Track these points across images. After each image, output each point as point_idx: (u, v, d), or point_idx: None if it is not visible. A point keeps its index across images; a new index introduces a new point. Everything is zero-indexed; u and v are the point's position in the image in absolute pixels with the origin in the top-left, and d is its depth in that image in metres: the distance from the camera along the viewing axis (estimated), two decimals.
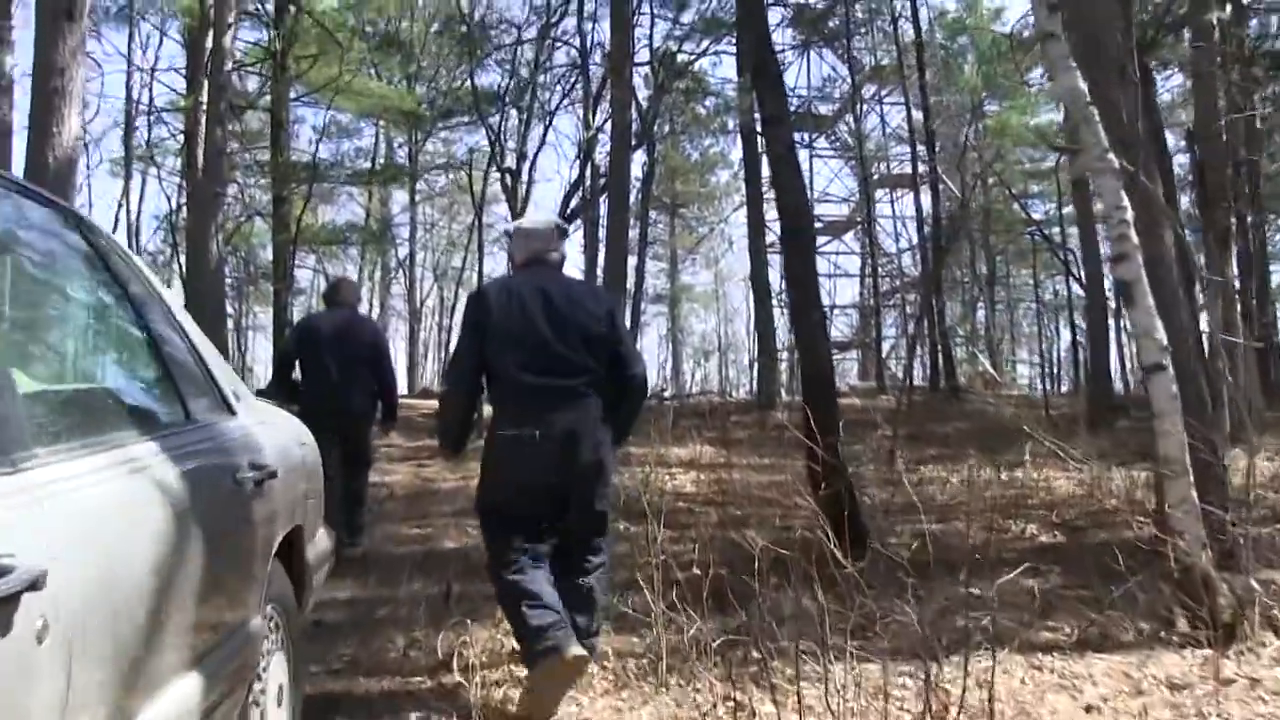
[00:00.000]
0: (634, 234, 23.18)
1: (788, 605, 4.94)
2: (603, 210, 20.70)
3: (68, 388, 2.07)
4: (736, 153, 31.31)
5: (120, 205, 31.76)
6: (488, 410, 4.11)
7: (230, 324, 34.80)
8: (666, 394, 29.35)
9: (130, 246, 32.69)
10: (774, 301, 20.76)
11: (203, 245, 17.85)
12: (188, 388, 2.39)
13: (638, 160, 22.50)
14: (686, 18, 23.09)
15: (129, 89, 30.68)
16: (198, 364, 2.56)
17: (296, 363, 6.79)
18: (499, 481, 3.91)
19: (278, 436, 2.80)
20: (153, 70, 29.58)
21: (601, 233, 20.09)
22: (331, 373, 6.50)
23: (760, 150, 21.53)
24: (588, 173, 23.23)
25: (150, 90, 30.02)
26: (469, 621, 4.62)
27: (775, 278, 21.02)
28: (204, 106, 18.63)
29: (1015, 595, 5.17)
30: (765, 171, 22.40)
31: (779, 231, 6.43)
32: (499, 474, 3.92)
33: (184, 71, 24.69)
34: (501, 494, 3.88)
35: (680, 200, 37.05)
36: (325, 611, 5.14)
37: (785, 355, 23.28)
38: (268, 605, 2.48)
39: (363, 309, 32.50)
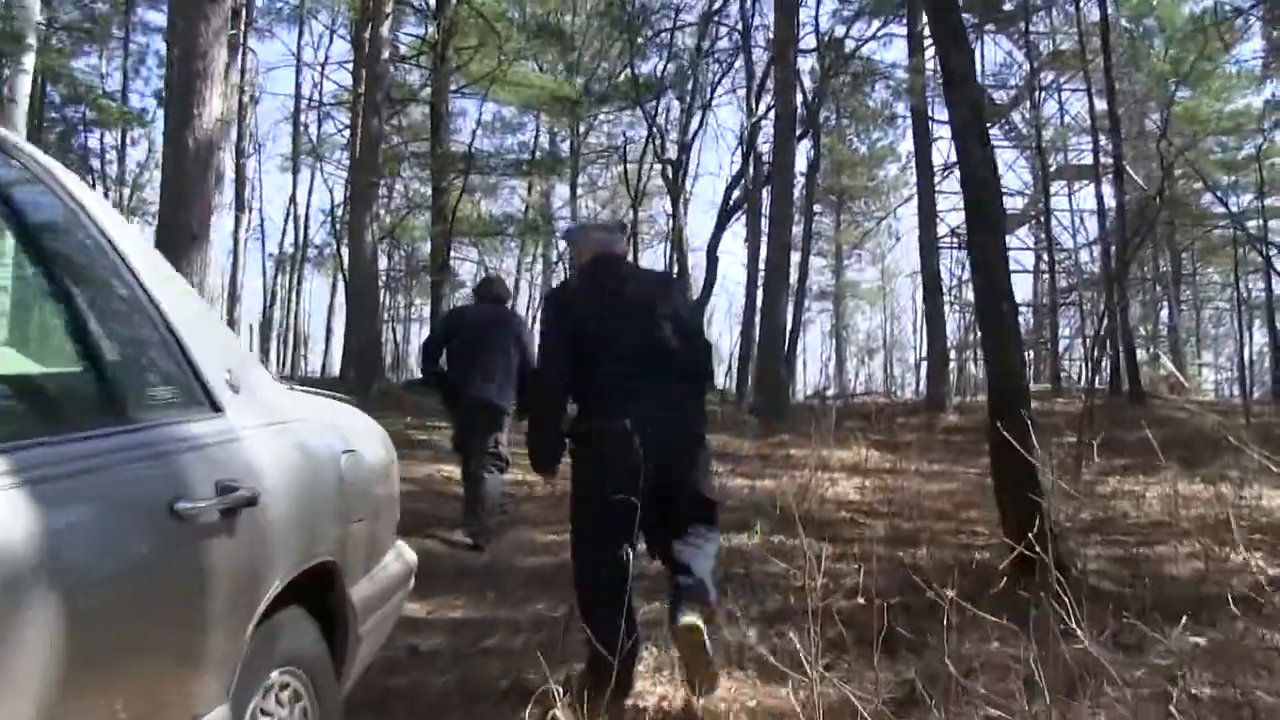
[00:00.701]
0: (798, 229, 22.19)
1: (973, 650, 4.08)
2: (765, 202, 19.86)
3: None
4: (906, 144, 30.05)
5: (289, 201, 32.65)
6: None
7: (386, 315, 35.46)
8: (829, 393, 28.38)
9: (298, 241, 33.86)
10: (946, 297, 19.55)
11: (359, 236, 17.82)
12: (130, 375, 1.76)
13: (802, 151, 21.51)
14: None
15: (298, 86, 31.43)
16: (164, 341, 1.88)
17: (443, 353, 7.18)
18: (589, 480, 3.76)
19: (291, 442, 2.10)
20: (323, 65, 30.20)
21: (764, 225, 19.25)
22: (473, 364, 6.80)
23: (932, 138, 20.43)
24: (750, 163, 22.39)
25: (320, 89, 30.74)
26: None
27: (946, 273, 19.85)
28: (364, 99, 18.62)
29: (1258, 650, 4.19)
30: (937, 160, 21.45)
31: (964, 208, 5.48)
32: (589, 472, 3.77)
33: (350, 67, 25.05)
34: (592, 492, 3.71)
35: (847, 194, 35.84)
36: (426, 635, 4.53)
37: (956, 354, 22.04)
38: (277, 671, 1.81)
39: (522, 302, 33.61)
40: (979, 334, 32.39)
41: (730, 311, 46.28)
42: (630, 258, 32.58)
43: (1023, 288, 36.15)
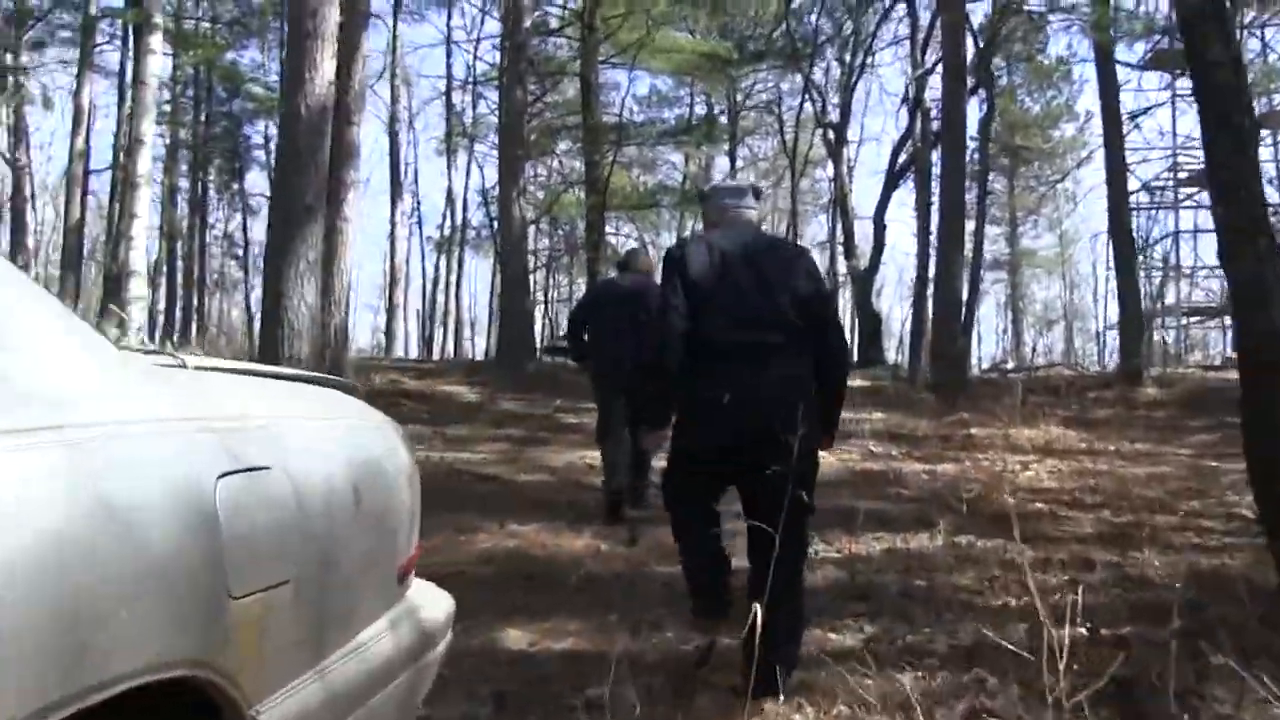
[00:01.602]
0: (971, 194, 20.55)
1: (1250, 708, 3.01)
2: (935, 164, 18.44)
3: None
4: (1084, 101, 27.93)
5: (446, 184, 32.50)
6: None
7: (546, 295, 35.12)
8: (1008, 366, 26.67)
9: (455, 224, 33.69)
10: (1139, 260, 17.80)
11: (507, 211, 17.26)
12: None
13: (973, 109, 19.88)
14: None
15: (449, 67, 31.21)
16: None
17: (586, 324, 7.17)
18: (687, 445, 3.65)
19: (59, 467, 1.07)
20: (475, 45, 29.87)
21: (935, 188, 17.85)
22: (615, 335, 6.73)
23: (1119, 83, 18.59)
24: (917, 121, 20.91)
25: (473, 71, 30.43)
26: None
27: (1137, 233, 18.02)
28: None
29: None
30: (1128, 108, 19.58)
31: (1201, 124, 4.25)
32: (687, 437, 3.64)
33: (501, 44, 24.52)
34: (688, 457, 3.66)
35: (1020, 156, 33.70)
36: (520, 674, 3.62)
37: (1149, 322, 20.14)
38: None
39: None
40: (1225, 282, 30.38)
41: (900, 282, 44.80)
42: (789, 228, 31.79)
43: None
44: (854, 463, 9.19)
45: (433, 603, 2.16)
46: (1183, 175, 28.74)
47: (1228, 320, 31.44)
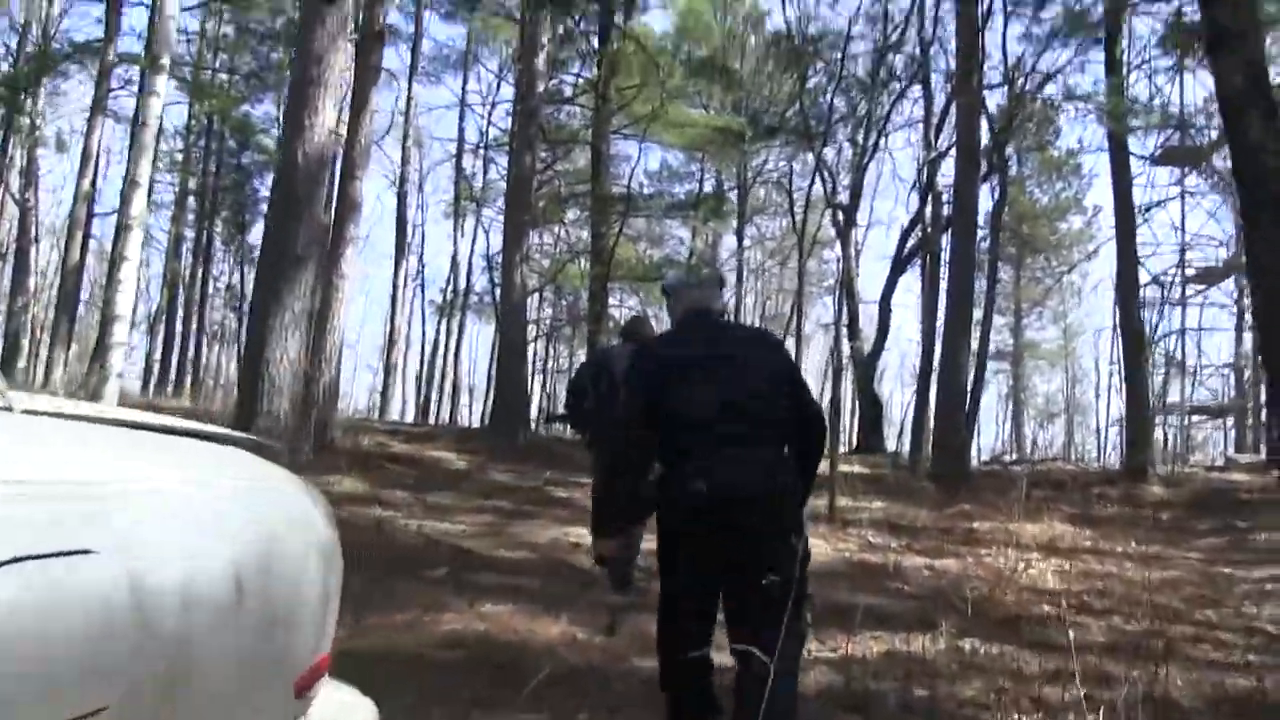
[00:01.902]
0: (979, 285, 20.28)
1: None
2: (945, 250, 18.23)
3: None
4: (1092, 196, 27.89)
5: (452, 247, 32.38)
6: None
7: (545, 365, 34.79)
8: (1008, 458, 26.30)
9: (457, 287, 33.44)
10: (1149, 353, 17.46)
11: (509, 276, 17.02)
12: None
13: (984, 199, 19.65)
14: (1048, 14, 19.73)
15: (461, 130, 31.21)
16: None
17: (587, 392, 6.80)
18: (670, 552, 3.49)
19: None
20: (489, 110, 29.94)
21: (944, 273, 17.62)
22: (616, 403, 6.03)
23: (1133, 173, 18.43)
24: (928, 205, 20.74)
25: (485, 136, 30.46)
26: None
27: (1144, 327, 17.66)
28: None
29: None
30: (1138, 201, 19.37)
31: (1240, 200, 3.94)
32: (670, 543, 3.49)
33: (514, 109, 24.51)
34: (672, 567, 3.50)
35: (1027, 247, 33.66)
36: None
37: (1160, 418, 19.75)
38: None
39: None
40: (1258, 361, 29.83)
41: (902, 367, 44.59)
42: (794, 308, 31.56)
43: (1219, 350, 33.27)
44: (851, 553, 8.79)
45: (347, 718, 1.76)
46: (1190, 271, 28.63)
47: (1230, 421, 31.19)
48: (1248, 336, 32.42)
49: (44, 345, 24.67)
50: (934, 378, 16.88)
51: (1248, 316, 32.09)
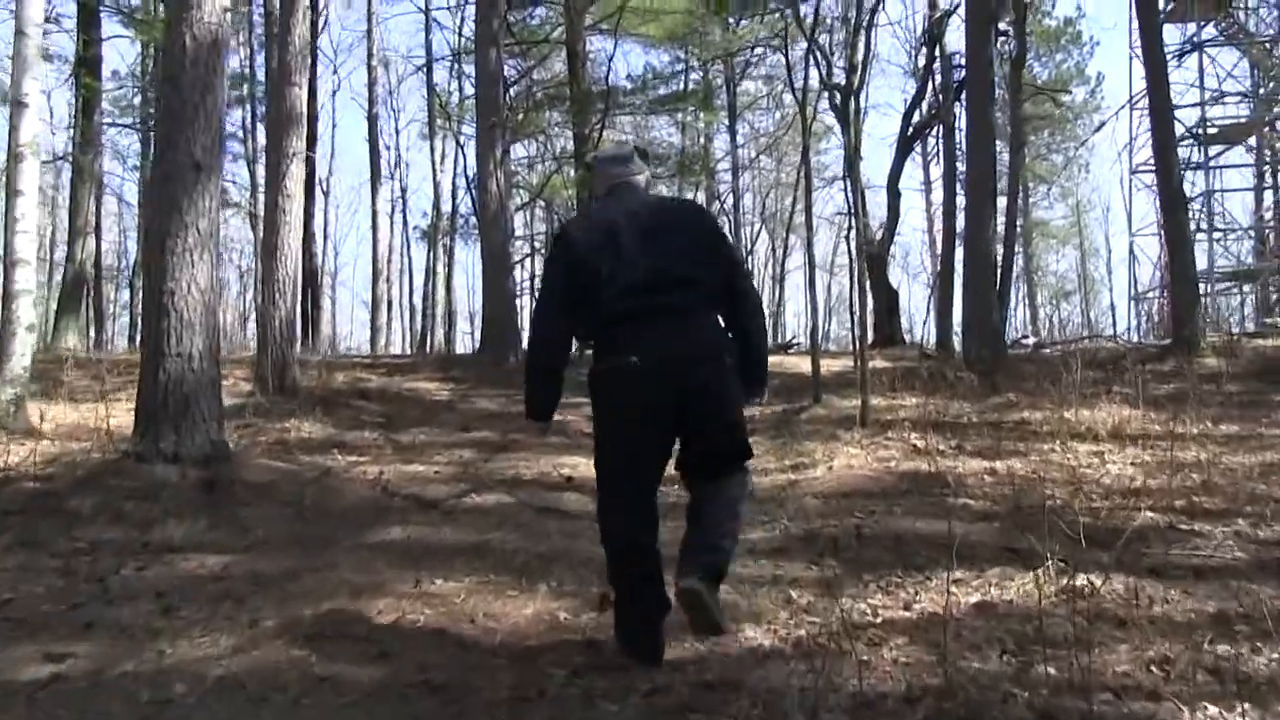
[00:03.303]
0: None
1: None
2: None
3: None
4: (1094, 64, 26.19)
5: (431, 167, 30.68)
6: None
7: (523, 276, 33.19)
8: (1028, 341, 24.92)
9: (440, 211, 31.70)
10: (1191, 213, 15.88)
11: (485, 187, 15.48)
12: None
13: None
14: None
15: (428, 43, 29.28)
16: None
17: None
18: (604, 420, 3.51)
19: None
20: (460, 19, 28.04)
21: (961, 144, 16.03)
22: None
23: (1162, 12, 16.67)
24: (935, 71, 19.00)
25: (458, 50, 28.54)
26: None
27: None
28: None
29: None
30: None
31: None
32: (603, 412, 3.51)
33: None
34: (608, 434, 3.50)
35: (1029, 125, 31.97)
36: None
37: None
38: None
39: None
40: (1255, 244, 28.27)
41: (907, 262, 43.24)
42: (793, 201, 29.91)
43: (1239, 210, 31.58)
44: (895, 462, 7.41)
45: None
46: (1212, 130, 26.94)
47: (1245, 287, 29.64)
48: (1269, 196, 30.80)
49: None
50: (959, 258, 15.39)
51: (1273, 175, 30.49)
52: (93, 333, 24.75)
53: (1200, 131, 26.01)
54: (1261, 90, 27.87)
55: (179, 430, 6.32)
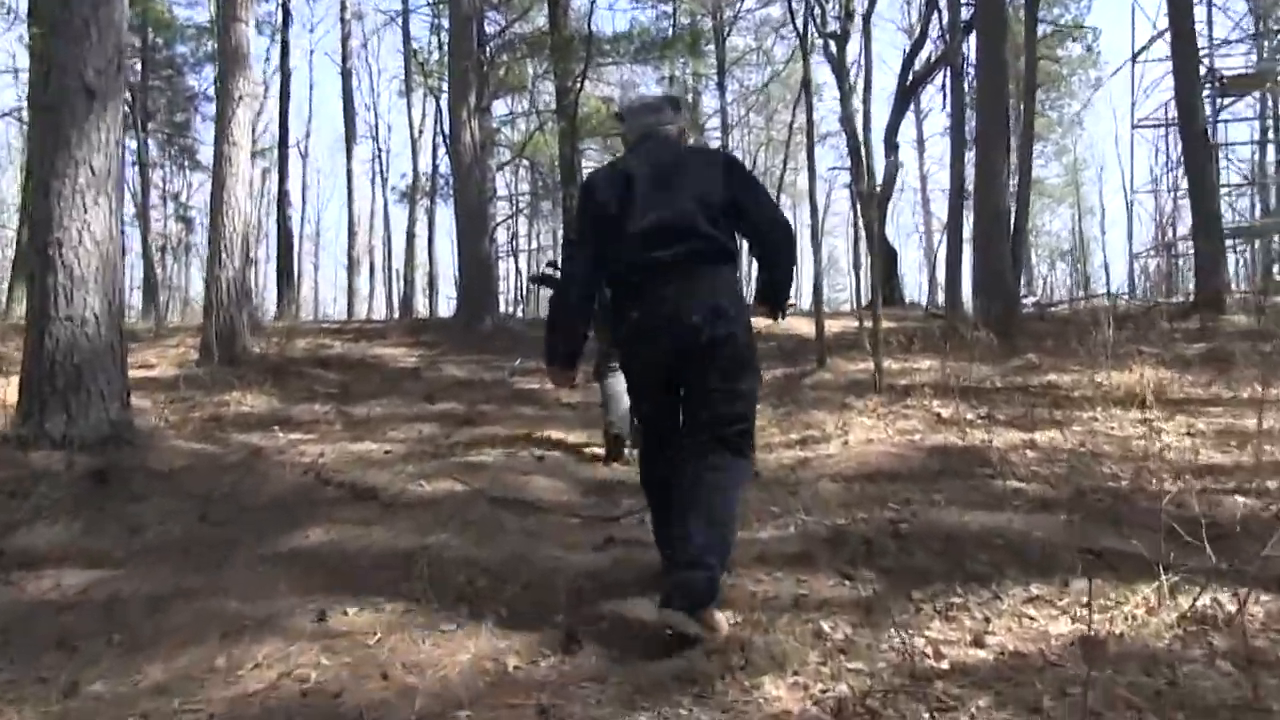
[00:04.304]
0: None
1: None
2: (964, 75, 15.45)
3: None
4: (1090, 18, 25.22)
5: (408, 125, 29.45)
6: None
7: (523, 245, 32.03)
8: (1028, 300, 23.95)
9: (418, 170, 30.47)
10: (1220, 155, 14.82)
11: (458, 138, 14.35)
12: None
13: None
14: None
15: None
16: None
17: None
18: (628, 366, 3.59)
19: None
20: None
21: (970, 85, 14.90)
22: None
23: None
24: (941, 11, 17.84)
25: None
26: None
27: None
28: None
29: None
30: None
31: None
32: (625, 358, 3.60)
33: None
34: (634, 379, 3.57)
35: (1044, 74, 31.00)
36: None
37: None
38: None
39: None
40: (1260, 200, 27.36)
41: (899, 214, 42.38)
42: (786, 155, 28.83)
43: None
44: (922, 434, 6.38)
45: None
46: (1222, 82, 25.82)
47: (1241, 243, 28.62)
48: (1272, 150, 29.73)
49: None
50: (968, 210, 14.32)
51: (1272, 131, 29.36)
52: None
53: (1214, 82, 24.87)
54: (1267, 44, 26.79)
55: (69, 408, 5.28)
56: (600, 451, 6.26)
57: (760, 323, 3.86)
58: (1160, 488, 4.87)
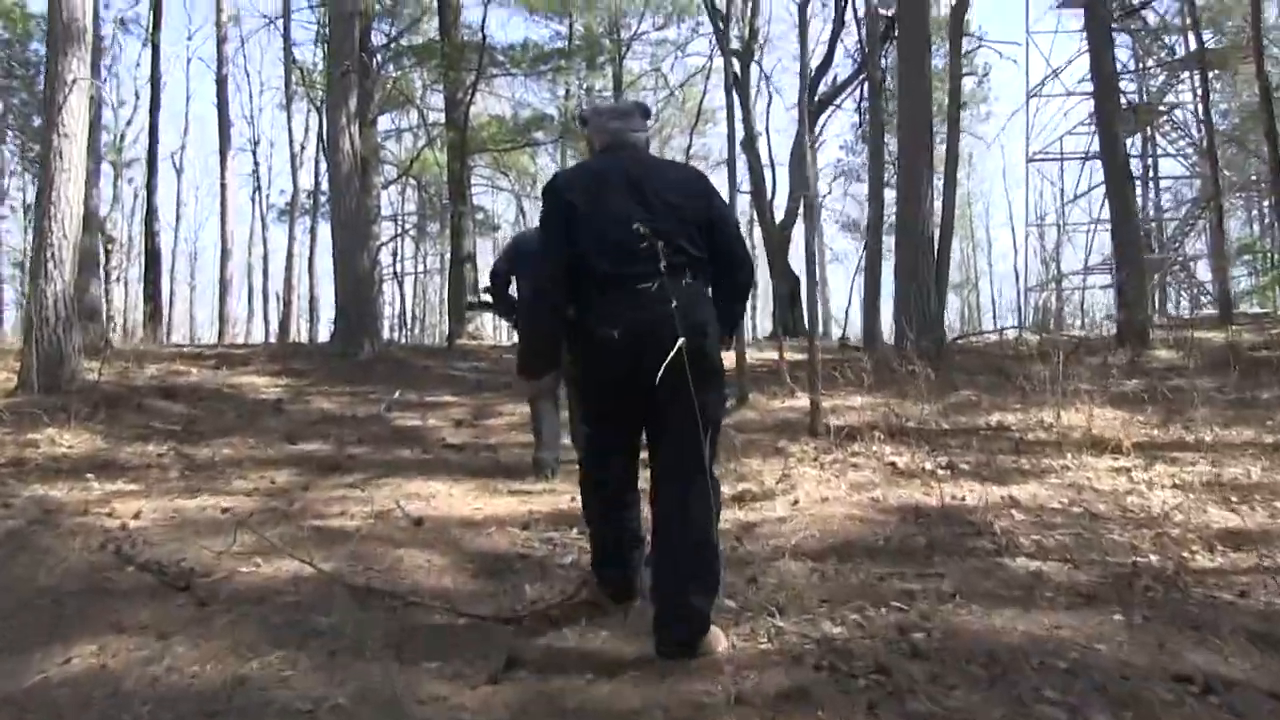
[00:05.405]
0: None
1: None
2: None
3: None
4: (980, 56, 24.93)
5: (289, 137, 27.86)
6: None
7: (410, 267, 30.50)
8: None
9: (297, 185, 28.82)
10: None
11: (335, 146, 13.06)
12: None
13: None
14: None
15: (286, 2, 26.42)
16: None
17: (512, 279, 6.33)
18: (588, 386, 3.46)
19: None
20: None
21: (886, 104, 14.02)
22: None
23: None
24: (860, 24, 17.06)
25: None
26: None
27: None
28: None
29: None
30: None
31: None
32: (586, 377, 3.42)
33: None
34: (592, 401, 3.48)
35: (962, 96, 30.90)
36: None
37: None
38: None
39: None
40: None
41: (798, 253, 42.08)
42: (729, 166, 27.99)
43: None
44: (878, 490, 5.33)
45: None
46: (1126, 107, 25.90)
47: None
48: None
49: None
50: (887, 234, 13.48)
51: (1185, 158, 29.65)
52: None
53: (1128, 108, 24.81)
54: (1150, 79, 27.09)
55: None
56: (492, 510, 5.12)
57: None
58: (1197, 564, 3.93)
